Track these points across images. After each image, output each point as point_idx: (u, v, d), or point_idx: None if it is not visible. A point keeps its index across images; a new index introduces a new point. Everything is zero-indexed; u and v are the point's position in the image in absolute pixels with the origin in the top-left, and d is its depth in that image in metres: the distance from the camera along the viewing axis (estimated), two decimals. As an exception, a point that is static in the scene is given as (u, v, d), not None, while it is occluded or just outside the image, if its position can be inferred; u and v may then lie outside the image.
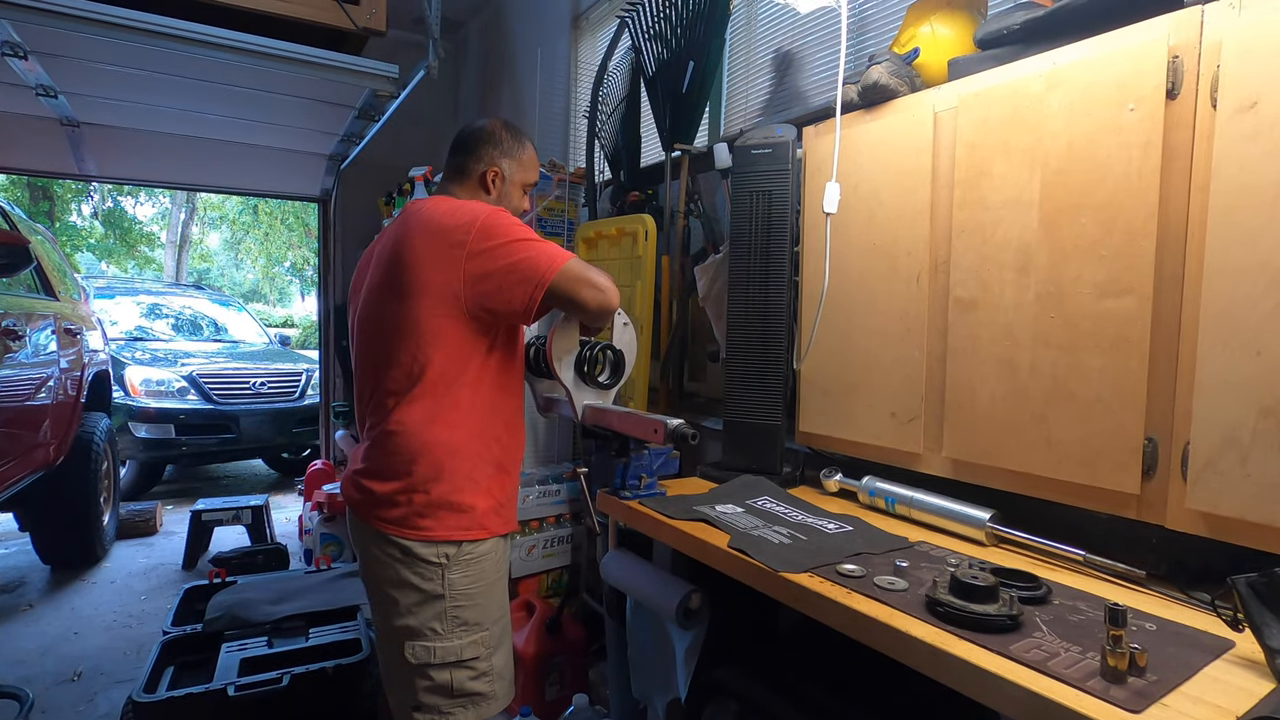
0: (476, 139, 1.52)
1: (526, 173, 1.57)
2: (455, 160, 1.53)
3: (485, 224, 1.34)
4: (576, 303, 1.37)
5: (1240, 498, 0.97)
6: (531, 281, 1.32)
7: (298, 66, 2.47)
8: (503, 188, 1.53)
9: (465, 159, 1.52)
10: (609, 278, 1.41)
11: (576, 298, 1.35)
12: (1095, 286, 1.13)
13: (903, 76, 1.45)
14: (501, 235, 1.34)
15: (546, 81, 3.50)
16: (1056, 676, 0.78)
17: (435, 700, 1.38)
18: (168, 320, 6.39)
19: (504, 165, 1.52)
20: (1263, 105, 0.95)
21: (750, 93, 2.39)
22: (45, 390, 3.17)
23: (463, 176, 1.52)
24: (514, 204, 1.56)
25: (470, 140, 1.52)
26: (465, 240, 1.33)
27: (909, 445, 1.45)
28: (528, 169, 1.58)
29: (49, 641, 2.89)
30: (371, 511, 1.40)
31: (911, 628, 0.91)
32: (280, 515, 4.67)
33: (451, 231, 1.34)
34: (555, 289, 1.33)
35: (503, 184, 1.53)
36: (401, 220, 1.43)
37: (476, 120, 1.57)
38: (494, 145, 1.52)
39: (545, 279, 1.32)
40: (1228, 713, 0.72)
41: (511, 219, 1.39)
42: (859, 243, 1.54)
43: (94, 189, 12.37)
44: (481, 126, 1.54)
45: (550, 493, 2.51)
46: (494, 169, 1.51)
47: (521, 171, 1.56)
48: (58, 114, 3.17)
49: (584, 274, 1.35)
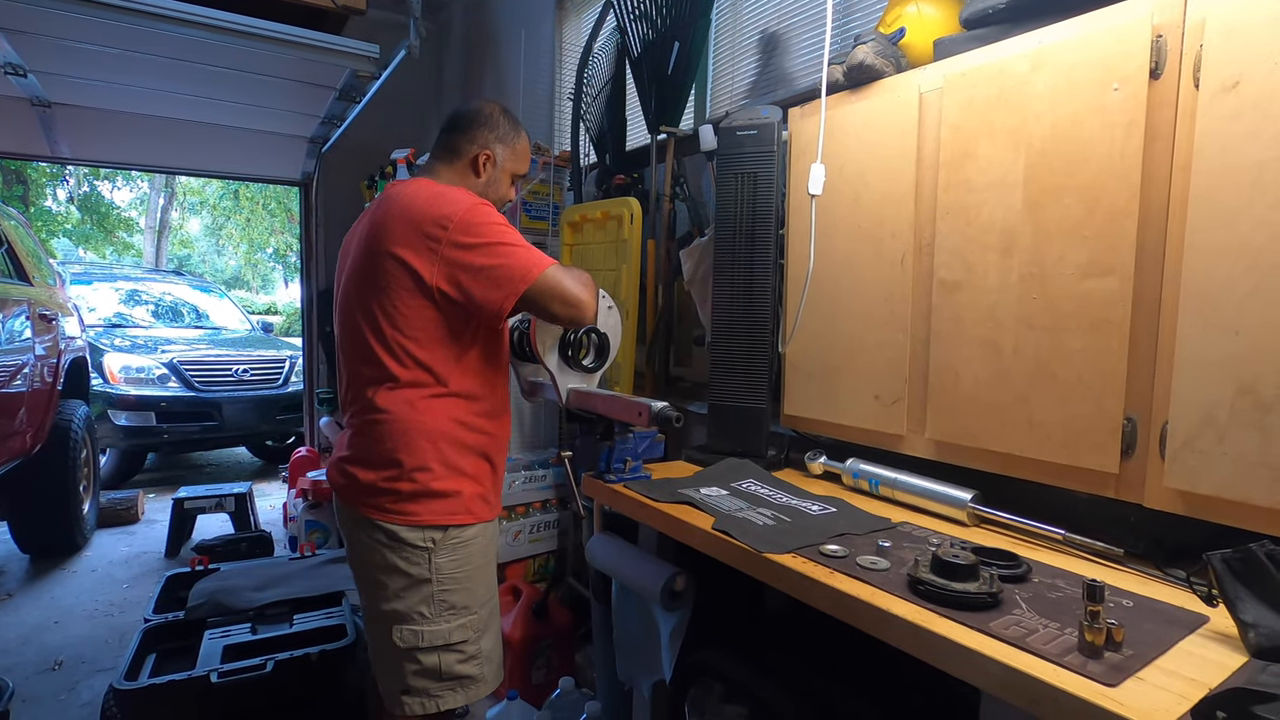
0: (472, 119, 1.48)
1: (518, 162, 1.55)
2: (447, 138, 1.49)
3: (466, 218, 1.31)
4: (544, 313, 1.39)
5: (1217, 476, 0.98)
6: (505, 288, 1.31)
7: (276, 45, 2.42)
8: (493, 173, 1.50)
9: (458, 138, 1.48)
10: (587, 286, 1.40)
11: (548, 309, 1.36)
12: (1078, 267, 1.14)
13: (888, 57, 1.44)
14: (482, 234, 1.32)
15: (531, 63, 3.46)
16: (1035, 652, 0.79)
17: (424, 684, 1.39)
18: (147, 307, 6.28)
19: (497, 150, 1.49)
20: (1244, 85, 0.95)
21: (736, 74, 2.37)
22: (20, 377, 3.11)
23: (452, 156, 1.48)
24: (501, 192, 1.53)
25: (465, 119, 1.48)
26: (443, 235, 1.30)
27: (892, 427, 1.45)
28: (519, 159, 1.55)
29: (29, 630, 2.86)
30: (357, 497, 1.40)
31: (893, 606, 0.92)
32: (264, 503, 4.63)
33: (431, 222, 1.31)
34: (528, 298, 1.33)
35: (493, 169, 1.49)
36: (380, 203, 1.40)
37: (473, 100, 1.53)
38: (490, 128, 1.48)
39: (519, 288, 1.32)
40: (1201, 685, 0.73)
41: (493, 215, 1.36)
42: (844, 225, 1.53)
43: (69, 173, 12.11)
44: (478, 107, 1.50)
45: (536, 478, 2.51)
46: (486, 152, 1.48)
47: (513, 160, 1.53)
48: (28, 94, 3.08)
49: (558, 287, 1.34)
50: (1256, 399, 0.94)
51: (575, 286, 1.36)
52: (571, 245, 2.57)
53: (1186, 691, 0.72)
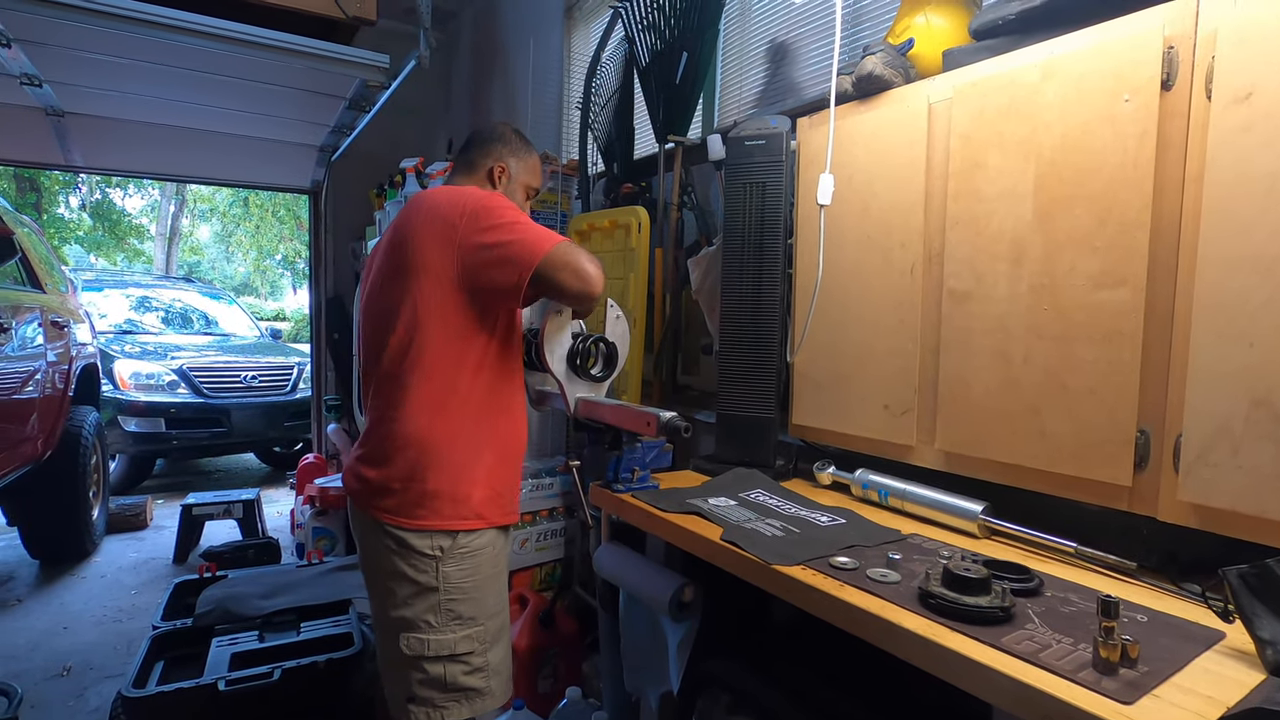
0: (487, 137, 1.60)
1: (531, 176, 1.64)
2: (465, 156, 1.60)
3: (480, 204, 1.37)
4: (556, 285, 1.36)
5: (1232, 489, 0.97)
6: (519, 263, 1.33)
7: (287, 56, 2.44)
8: (508, 184, 1.59)
9: (474, 154, 1.59)
10: (598, 264, 1.40)
11: (556, 280, 1.35)
12: (1089, 278, 1.13)
13: (897, 67, 1.44)
14: (495, 216, 1.36)
15: (539, 72, 3.48)
16: (1048, 668, 0.78)
17: (429, 693, 1.38)
18: (157, 313, 6.32)
19: (511, 163, 1.59)
20: (1257, 96, 0.94)
21: (744, 84, 2.38)
22: (32, 384, 3.14)
23: (470, 170, 1.58)
24: (515, 202, 1.60)
25: (480, 137, 1.61)
26: (459, 220, 1.36)
27: (902, 438, 1.44)
28: (532, 173, 1.64)
29: (38, 636, 2.87)
30: (369, 500, 1.41)
31: (903, 620, 0.91)
32: (272, 509, 4.64)
33: (449, 212, 1.37)
34: (540, 272, 1.33)
35: (508, 180, 1.59)
36: (406, 209, 1.47)
37: (488, 123, 1.65)
38: (503, 144, 1.59)
39: (533, 261, 1.32)
40: (1219, 704, 0.72)
41: (506, 202, 1.42)
42: (853, 235, 1.53)
43: (82, 180, 12.23)
44: (493, 127, 1.64)
45: (543, 486, 2.50)
46: (501, 165, 1.58)
47: (526, 173, 1.63)
48: (43, 104, 3.12)
49: (569, 258, 1.34)
50: (1272, 411, 0.93)
51: (587, 262, 1.37)
52: (579, 253, 2.57)
53: (1203, 710, 0.71)
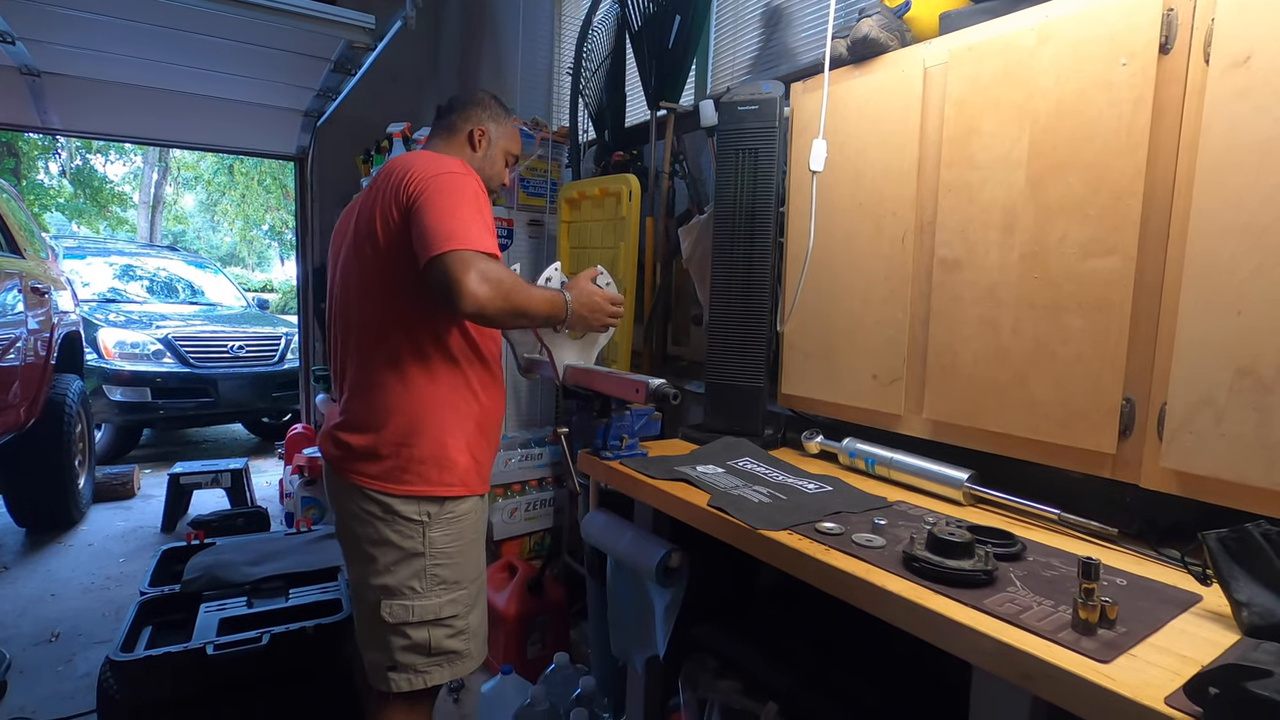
0: (464, 102, 1.59)
1: (511, 142, 1.62)
2: (443, 120, 1.58)
3: (439, 171, 1.32)
4: (439, 284, 1.22)
5: (1213, 456, 0.98)
6: (427, 245, 1.23)
7: (271, 14, 2.38)
8: (488, 148, 1.57)
9: (454, 117, 1.57)
10: (501, 291, 1.24)
11: (443, 278, 1.21)
12: (1080, 246, 1.12)
13: (893, 30, 1.42)
14: (441, 187, 1.29)
15: (529, 37, 3.40)
16: (1028, 628, 0.79)
17: (412, 659, 1.39)
18: (141, 282, 6.22)
19: (490, 127, 1.58)
20: (1255, 60, 0.93)
21: (738, 49, 2.33)
22: (13, 351, 3.09)
23: (450, 133, 1.56)
24: (496, 169, 1.60)
25: (459, 102, 1.59)
26: (415, 185, 1.30)
27: (890, 407, 1.45)
28: (512, 139, 1.63)
29: (25, 603, 2.87)
30: (350, 466, 1.39)
31: (888, 583, 0.92)
32: (260, 479, 4.64)
33: (413, 175, 1.33)
34: (436, 264, 1.21)
35: (488, 145, 1.57)
36: (380, 174, 1.42)
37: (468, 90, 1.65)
38: (482, 109, 1.58)
39: (440, 249, 1.21)
40: (1194, 662, 0.73)
41: (473, 189, 1.33)
42: (845, 202, 1.51)
43: (61, 146, 11.96)
44: (471, 93, 1.62)
45: (532, 456, 2.51)
46: (481, 128, 1.56)
47: (506, 139, 1.61)
48: (16, 62, 3.03)
49: (471, 267, 1.20)
50: (1256, 379, 0.94)
51: (481, 282, 1.21)
52: (569, 222, 2.54)
53: (1179, 668, 0.72)
